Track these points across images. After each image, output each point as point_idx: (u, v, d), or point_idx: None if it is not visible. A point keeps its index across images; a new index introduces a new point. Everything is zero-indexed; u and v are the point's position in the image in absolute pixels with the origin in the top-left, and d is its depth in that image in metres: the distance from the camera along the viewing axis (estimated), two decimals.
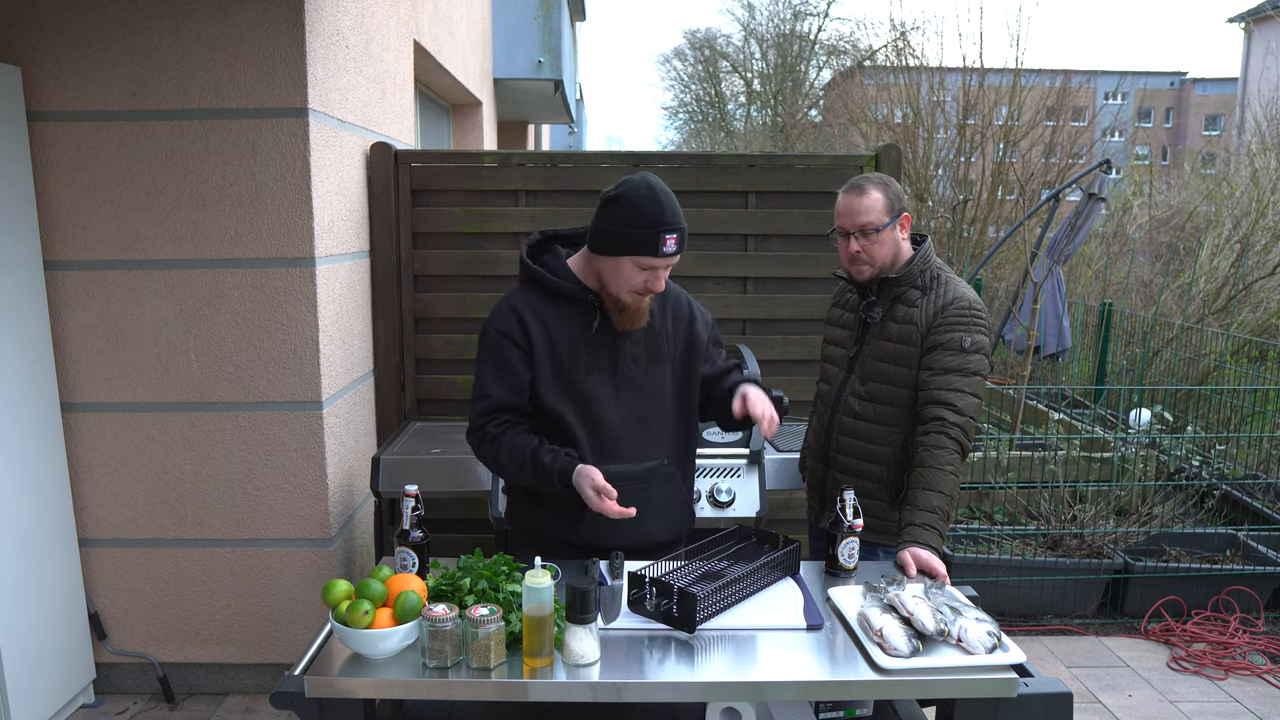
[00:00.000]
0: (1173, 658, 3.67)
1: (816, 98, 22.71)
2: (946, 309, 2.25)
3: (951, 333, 2.23)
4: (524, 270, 2.12)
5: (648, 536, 2.13)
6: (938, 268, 2.33)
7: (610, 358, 2.08)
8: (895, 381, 2.31)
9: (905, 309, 2.30)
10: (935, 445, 2.16)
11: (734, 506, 2.89)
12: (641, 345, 2.11)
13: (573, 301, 2.06)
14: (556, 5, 7.78)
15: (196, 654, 3.20)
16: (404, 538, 2.01)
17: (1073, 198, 5.12)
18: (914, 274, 2.31)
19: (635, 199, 1.94)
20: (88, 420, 3.04)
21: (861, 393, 2.37)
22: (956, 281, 2.31)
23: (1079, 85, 9.98)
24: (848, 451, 2.40)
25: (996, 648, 1.71)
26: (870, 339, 2.37)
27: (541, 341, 2.04)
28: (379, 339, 3.60)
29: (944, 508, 2.12)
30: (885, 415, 2.33)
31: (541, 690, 1.65)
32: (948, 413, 2.18)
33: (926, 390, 2.23)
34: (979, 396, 2.22)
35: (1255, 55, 21.64)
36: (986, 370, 2.25)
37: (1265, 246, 6.88)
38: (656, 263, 1.96)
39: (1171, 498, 4.50)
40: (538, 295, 2.08)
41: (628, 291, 2.00)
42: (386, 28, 3.90)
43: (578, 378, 2.05)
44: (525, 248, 2.14)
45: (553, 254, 2.12)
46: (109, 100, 2.87)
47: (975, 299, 2.28)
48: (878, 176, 2.29)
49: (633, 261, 1.96)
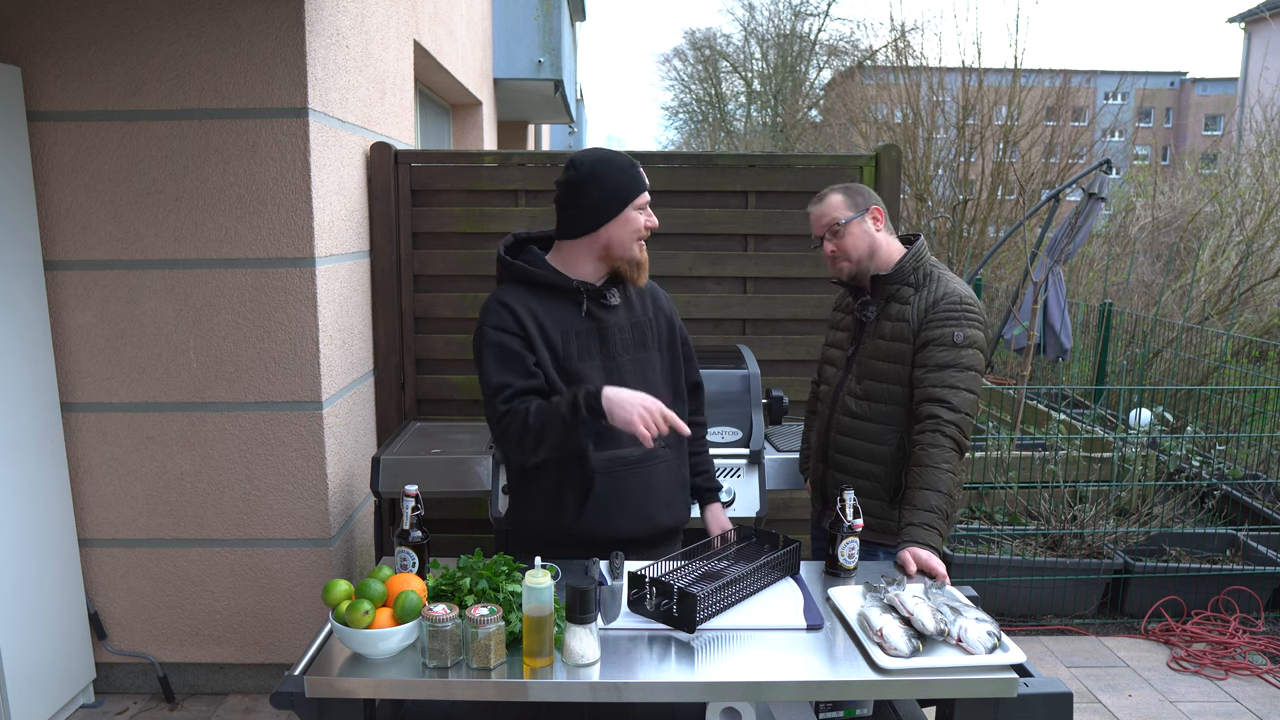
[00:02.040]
0: (1173, 658, 3.67)
1: (816, 98, 22.72)
2: (937, 304, 2.24)
3: (943, 328, 2.22)
4: (505, 268, 2.13)
5: (650, 522, 2.14)
6: (931, 265, 2.33)
7: (601, 345, 2.10)
8: (890, 380, 2.31)
9: (898, 307, 2.30)
10: (931, 444, 2.16)
11: (734, 506, 2.89)
12: (628, 332, 2.14)
13: (558, 292, 2.08)
14: (556, 5, 7.78)
15: (196, 654, 3.20)
16: (404, 538, 2.01)
17: (1073, 198, 5.12)
18: (906, 271, 2.31)
19: (595, 162, 2.06)
20: (88, 420, 3.04)
21: (858, 392, 2.38)
22: (949, 277, 2.30)
23: (1079, 85, 9.99)
24: (846, 451, 2.40)
25: (996, 648, 1.71)
26: (866, 338, 2.38)
27: (536, 331, 2.05)
28: (379, 339, 3.60)
29: (943, 506, 2.12)
30: (882, 414, 2.33)
31: (541, 690, 1.65)
32: (942, 410, 2.17)
33: (921, 388, 2.23)
34: (974, 392, 2.21)
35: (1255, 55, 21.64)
36: (982, 365, 2.24)
37: (1270, 247, 6.88)
38: (646, 197, 2.08)
39: (1172, 498, 4.50)
40: (523, 289, 2.09)
41: (635, 242, 2.07)
42: (386, 28, 3.90)
43: (572, 365, 2.07)
44: (502, 248, 2.17)
45: (529, 253, 2.15)
46: (109, 100, 2.87)
47: (967, 293, 2.27)
48: (839, 185, 2.38)
49: (631, 211, 2.05)
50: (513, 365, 2.04)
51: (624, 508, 2.05)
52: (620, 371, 2.10)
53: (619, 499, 2.09)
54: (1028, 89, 9.18)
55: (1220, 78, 36.69)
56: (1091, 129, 10.24)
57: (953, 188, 9.17)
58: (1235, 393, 5.39)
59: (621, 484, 2.05)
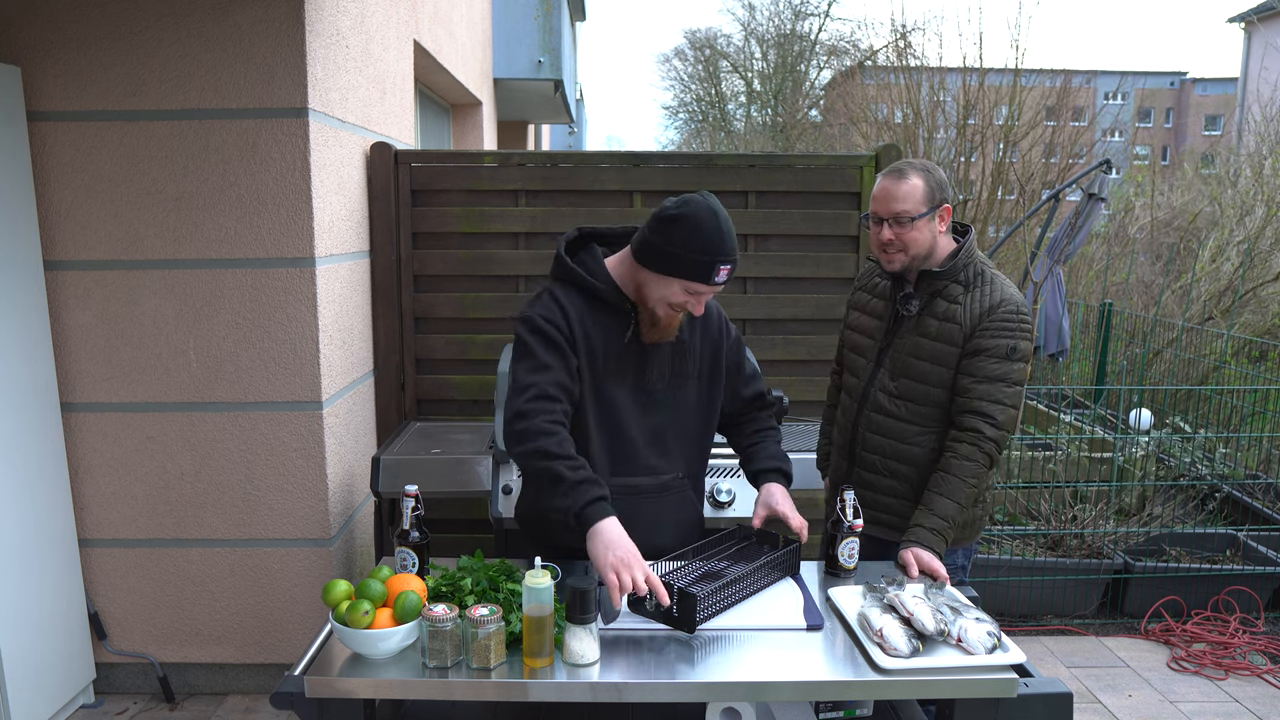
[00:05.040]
0: (1173, 658, 3.67)
1: (817, 98, 22.70)
2: (994, 311, 2.12)
3: (998, 339, 2.11)
4: (561, 267, 2.03)
5: (657, 549, 2.10)
6: (981, 263, 2.19)
7: (637, 370, 2.03)
8: (931, 381, 2.19)
9: (946, 305, 2.17)
10: (967, 456, 2.10)
11: (734, 506, 2.89)
12: (668, 360, 2.06)
13: (608, 307, 2.00)
14: (556, 5, 7.78)
15: (196, 654, 3.20)
16: (404, 538, 2.01)
17: (1073, 198, 5.12)
18: (957, 269, 2.17)
19: (698, 223, 1.86)
20: (88, 420, 3.03)
21: (892, 389, 2.25)
22: (1003, 281, 2.17)
23: (1079, 85, 9.98)
24: (876, 450, 2.30)
25: (996, 648, 1.71)
26: (904, 333, 2.23)
27: (582, 339, 1.98)
28: (379, 339, 3.60)
29: (956, 517, 2.11)
30: (918, 414, 2.22)
31: (541, 690, 1.65)
32: (985, 425, 2.09)
33: (965, 397, 2.13)
34: (1017, 408, 2.13)
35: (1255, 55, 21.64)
36: (1026, 379, 2.16)
37: (1270, 249, 6.88)
38: (705, 290, 1.91)
39: (1173, 499, 4.50)
40: (575, 294, 2.00)
41: (665, 307, 1.95)
42: (386, 28, 3.90)
43: (605, 385, 2.01)
44: (563, 244, 2.05)
45: (590, 253, 2.05)
46: (109, 100, 2.87)
47: (1023, 302, 2.15)
48: (921, 163, 2.15)
49: (682, 284, 1.90)
50: (552, 359, 1.94)
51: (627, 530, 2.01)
52: (652, 400, 2.05)
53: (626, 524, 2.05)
54: (1028, 89, 9.18)
55: (1220, 78, 36.69)
56: (1091, 129, 10.24)
57: (953, 188, 9.15)
58: (1235, 393, 5.39)
59: (631, 511, 2.01)
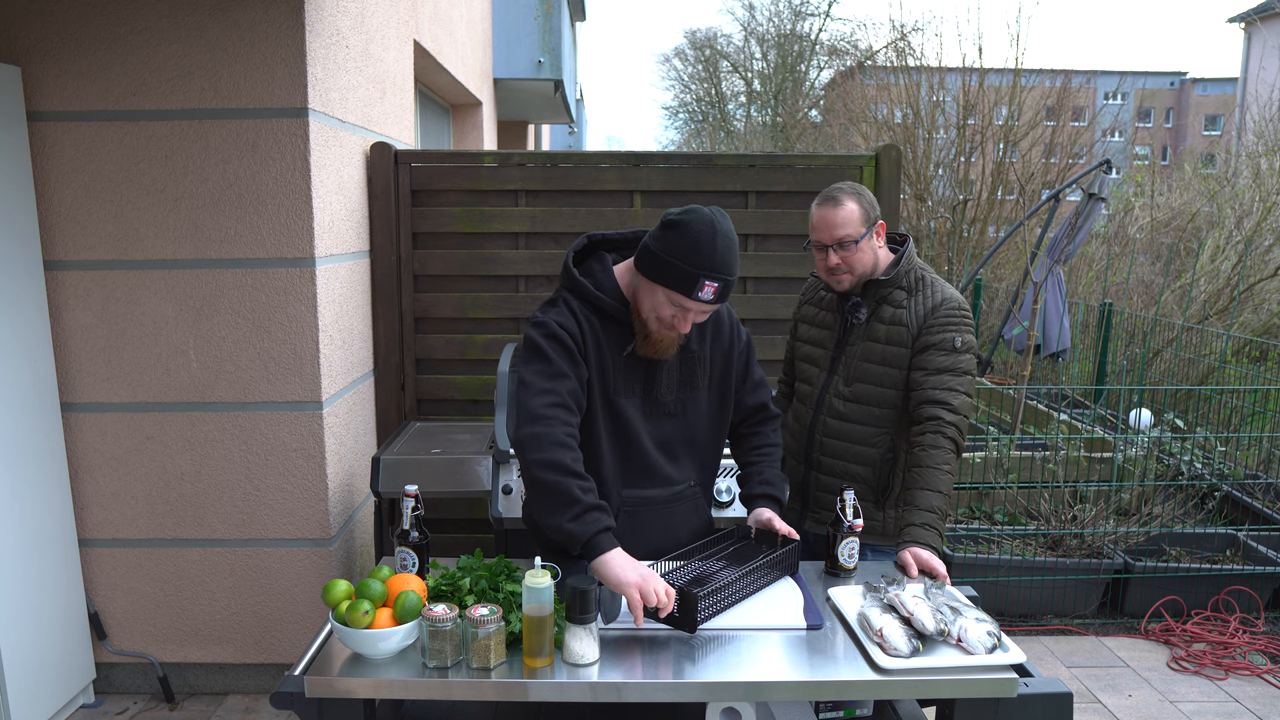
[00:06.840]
0: (1173, 658, 3.67)
1: (817, 98, 22.71)
2: (938, 310, 2.26)
3: (944, 333, 2.24)
4: (569, 279, 2.00)
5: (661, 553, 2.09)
6: (920, 269, 2.35)
7: (645, 383, 2.02)
8: (884, 382, 2.31)
9: (892, 310, 2.30)
10: (932, 445, 2.17)
11: (734, 506, 2.89)
12: (676, 372, 2.05)
13: (614, 320, 1.98)
14: (556, 5, 7.78)
15: (196, 654, 3.20)
16: (404, 538, 2.01)
17: (1073, 198, 5.12)
18: (900, 276, 2.32)
19: (692, 233, 1.84)
20: (88, 420, 3.04)
21: (846, 394, 2.36)
22: (942, 283, 2.33)
23: (1079, 85, 9.99)
24: (833, 453, 2.39)
25: (996, 648, 1.71)
26: (855, 339, 2.36)
27: (594, 351, 1.97)
28: (379, 339, 3.60)
29: (942, 507, 2.13)
30: (872, 416, 2.33)
31: (541, 690, 1.65)
32: (943, 412, 2.18)
33: (920, 390, 2.24)
34: (971, 396, 2.25)
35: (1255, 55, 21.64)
36: (975, 370, 2.28)
37: (1269, 247, 6.88)
38: (689, 304, 1.88)
39: (1173, 498, 4.50)
40: (584, 305, 1.98)
41: (655, 319, 1.93)
42: (386, 28, 3.90)
43: (615, 397, 2.00)
44: (571, 254, 2.03)
45: (599, 261, 2.03)
46: (109, 100, 2.87)
47: (962, 299, 2.30)
48: (850, 186, 2.26)
49: (665, 294, 1.88)
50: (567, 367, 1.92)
51: (638, 540, 2.00)
52: (662, 411, 2.05)
53: (635, 533, 2.05)
54: (1028, 89, 9.18)
55: (1220, 78, 36.70)
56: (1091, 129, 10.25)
57: (953, 188, 9.17)
58: (1235, 393, 5.39)
59: (642, 522, 2.02)
